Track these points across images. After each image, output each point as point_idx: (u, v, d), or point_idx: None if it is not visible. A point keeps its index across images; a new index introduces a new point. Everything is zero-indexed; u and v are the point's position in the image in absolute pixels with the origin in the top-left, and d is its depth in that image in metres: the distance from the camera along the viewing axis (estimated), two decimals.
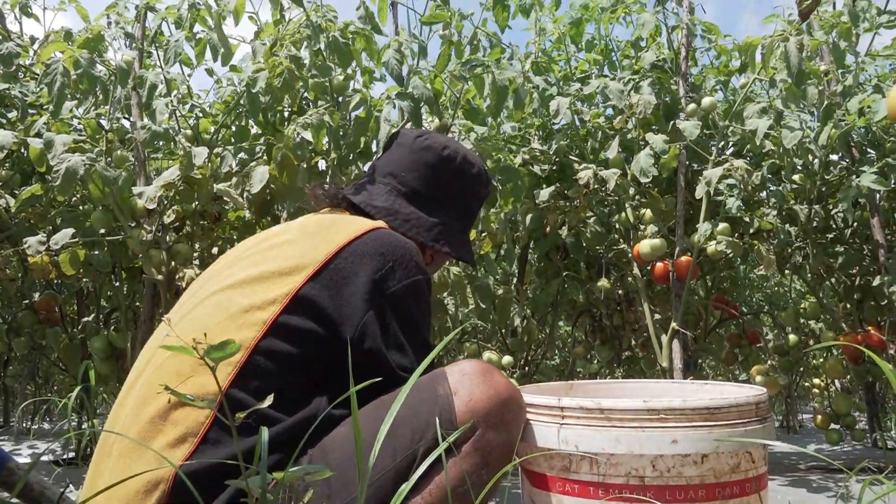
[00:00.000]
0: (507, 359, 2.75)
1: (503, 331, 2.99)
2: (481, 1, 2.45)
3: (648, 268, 2.64)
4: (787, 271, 2.95)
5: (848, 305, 2.81)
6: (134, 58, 2.42)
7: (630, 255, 2.64)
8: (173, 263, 2.33)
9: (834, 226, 2.86)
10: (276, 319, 1.05)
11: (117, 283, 2.75)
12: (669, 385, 1.47)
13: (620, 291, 3.04)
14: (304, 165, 2.27)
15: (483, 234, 2.83)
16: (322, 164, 2.43)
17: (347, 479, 0.99)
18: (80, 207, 2.54)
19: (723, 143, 2.61)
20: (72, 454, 3.05)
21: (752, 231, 2.77)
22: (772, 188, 2.74)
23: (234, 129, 2.59)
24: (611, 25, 2.89)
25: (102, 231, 2.35)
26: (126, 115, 2.56)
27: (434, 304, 2.46)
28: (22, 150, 2.31)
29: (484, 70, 2.27)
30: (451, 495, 0.99)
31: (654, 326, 2.55)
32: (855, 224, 2.78)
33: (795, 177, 2.62)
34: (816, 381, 3.46)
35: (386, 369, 1.09)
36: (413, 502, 0.99)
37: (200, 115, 2.71)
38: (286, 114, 2.53)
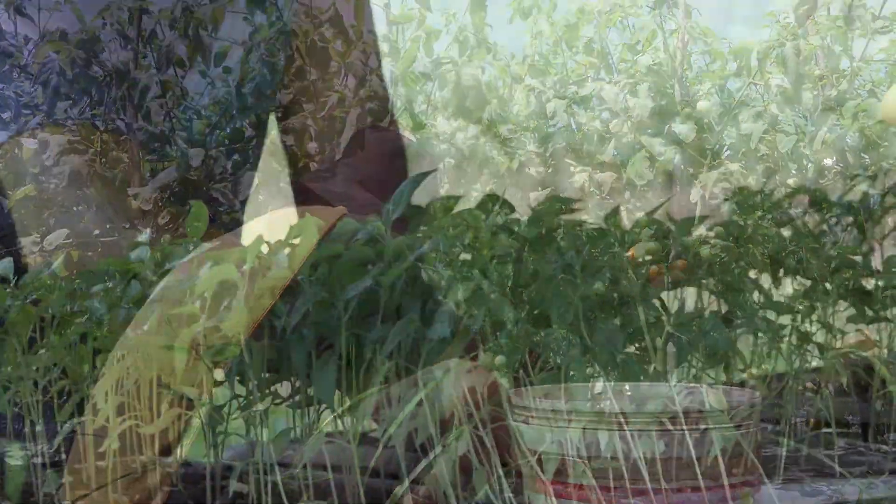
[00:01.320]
0: (499, 359, 2.75)
1: (498, 333, 2.98)
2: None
3: (643, 270, 2.63)
4: (780, 275, 2.95)
5: (842, 309, 2.81)
6: (129, 59, 2.42)
7: (625, 257, 2.63)
8: (167, 265, 2.31)
9: (828, 229, 2.86)
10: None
11: (111, 285, 2.73)
12: (664, 388, 1.47)
13: (615, 294, 3.04)
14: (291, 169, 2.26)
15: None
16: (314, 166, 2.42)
17: None
18: (75, 209, 2.52)
19: (718, 146, 2.61)
20: (64, 455, 3.03)
21: (746, 235, 2.77)
22: (766, 191, 2.75)
23: (228, 130, 2.58)
24: (607, 29, 2.89)
25: (97, 232, 2.34)
26: (121, 116, 2.55)
27: None
28: (16, 151, 2.30)
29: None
30: (443, 496, 0.99)
31: (649, 329, 2.55)
32: (849, 227, 2.78)
33: (790, 180, 2.63)
34: (810, 384, 3.46)
35: None
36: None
37: (195, 116, 2.70)
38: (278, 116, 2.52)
